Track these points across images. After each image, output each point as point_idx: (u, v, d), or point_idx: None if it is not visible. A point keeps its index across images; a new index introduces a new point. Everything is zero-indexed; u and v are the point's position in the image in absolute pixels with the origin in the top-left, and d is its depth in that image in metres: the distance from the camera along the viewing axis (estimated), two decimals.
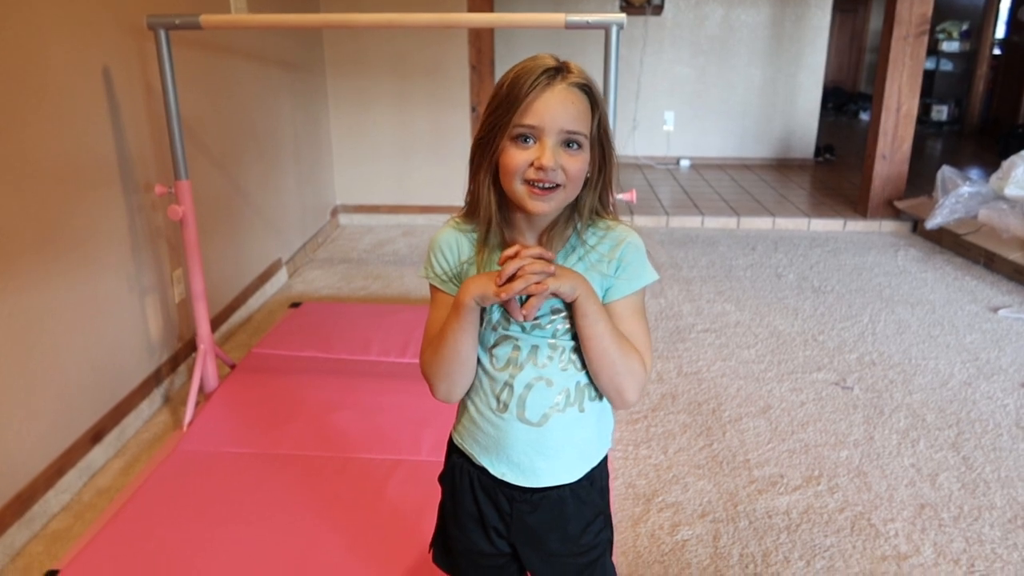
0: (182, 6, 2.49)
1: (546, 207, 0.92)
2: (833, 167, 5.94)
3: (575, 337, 0.96)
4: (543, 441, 0.98)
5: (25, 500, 1.80)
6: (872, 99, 4.44)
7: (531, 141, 0.91)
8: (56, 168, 1.91)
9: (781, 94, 5.89)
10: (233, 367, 2.52)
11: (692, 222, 4.44)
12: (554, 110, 0.90)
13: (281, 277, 3.49)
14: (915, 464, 2.08)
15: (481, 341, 0.98)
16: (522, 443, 0.98)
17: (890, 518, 1.86)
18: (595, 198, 0.97)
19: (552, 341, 0.96)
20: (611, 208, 1.01)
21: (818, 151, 6.11)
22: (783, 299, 3.28)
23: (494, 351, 0.98)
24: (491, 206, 0.95)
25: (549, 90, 0.90)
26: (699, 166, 5.91)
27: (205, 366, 2.32)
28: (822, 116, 6.23)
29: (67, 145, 1.95)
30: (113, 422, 2.15)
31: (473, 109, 4.18)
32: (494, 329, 0.97)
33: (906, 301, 3.27)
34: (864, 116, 9.06)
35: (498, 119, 0.91)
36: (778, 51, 5.79)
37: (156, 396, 2.37)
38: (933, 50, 8.06)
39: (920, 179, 4.72)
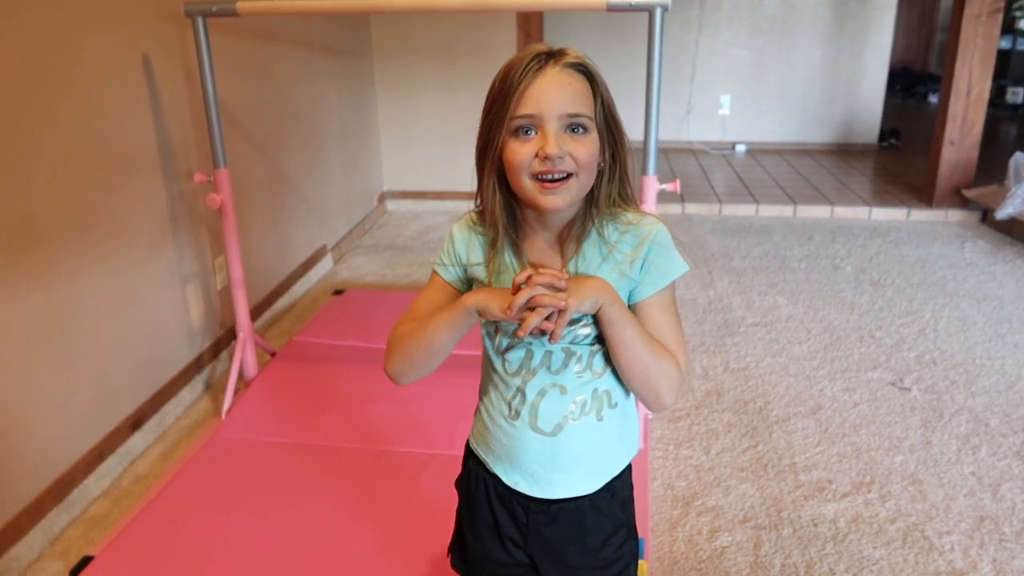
0: None
1: (560, 201, 0.86)
2: (898, 152, 5.69)
3: (593, 342, 0.90)
4: (557, 452, 0.92)
5: (65, 485, 1.83)
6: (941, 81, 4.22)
7: (532, 132, 0.85)
8: (94, 156, 1.92)
9: (844, 76, 5.66)
10: (273, 355, 2.53)
11: (746, 210, 4.30)
12: (550, 94, 0.84)
13: (326, 264, 3.50)
14: (976, 473, 1.96)
15: (494, 345, 0.94)
16: (535, 453, 0.93)
17: (946, 531, 1.75)
18: (612, 189, 0.91)
19: (567, 346, 0.91)
20: (632, 198, 0.95)
21: (882, 136, 5.85)
22: (839, 292, 3.14)
23: (507, 355, 0.93)
24: (497, 211, 0.90)
25: (542, 75, 0.84)
26: (756, 151, 5.73)
27: (244, 354, 2.33)
28: (888, 99, 5.96)
29: (105, 133, 1.96)
30: (153, 409, 2.17)
31: None
32: (508, 335, 0.92)
33: (972, 296, 3.10)
34: (933, 99, 8.66)
35: (495, 116, 0.86)
36: (841, 31, 5.56)
37: (197, 383, 2.39)
38: (1009, 28, 7.62)
39: (991, 166, 4.47)
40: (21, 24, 1.67)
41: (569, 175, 0.85)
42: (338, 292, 3.11)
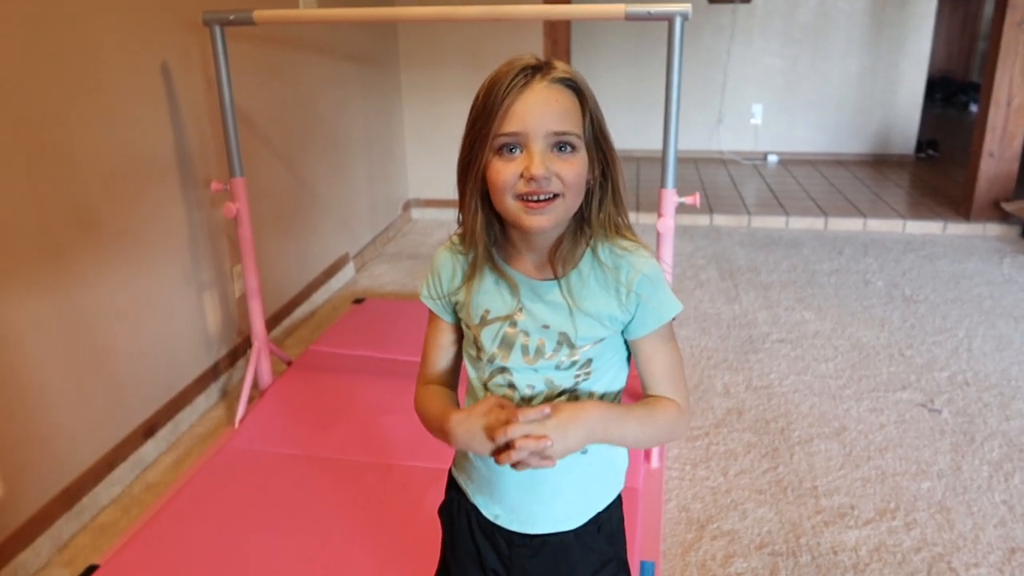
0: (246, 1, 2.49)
1: (545, 222, 0.82)
2: (935, 164, 5.54)
3: (578, 372, 0.87)
4: (537, 485, 0.89)
5: (74, 493, 1.83)
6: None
7: (517, 151, 0.81)
8: (112, 162, 1.93)
9: (880, 85, 5.53)
10: (290, 364, 2.52)
11: (776, 222, 4.21)
12: (536, 111, 0.80)
13: (348, 272, 3.49)
14: (1007, 501, 1.87)
15: (477, 373, 0.91)
16: (514, 486, 0.89)
17: (974, 562, 1.67)
18: (605, 208, 0.87)
19: (549, 377, 0.87)
20: (627, 223, 0.91)
21: (920, 146, 5.71)
22: (869, 308, 3.05)
23: (489, 384, 0.90)
24: (478, 231, 0.86)
25: (528, 90, 0.80)
26: (788, 162, 5.62)
27: (259, 363, 2.32)
28: (928, 108, 5.81)
29: (124, 141, 1.97)
30: (167, 416, 2.17)
31: None
32: (490, 361, 0.89)
33: (1010, 314, 2.98)
34: (975, 108, 8.45)
35: (478, 133, 0.82)
36: (878, 39, 5.43)
37: (213, 391, 2.39)
38: None
39: None
40: (40, 33, 1.68)
41: (555, 195, 0.81)
42: (358, 301, 3.09)
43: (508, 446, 0.77)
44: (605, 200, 0.87)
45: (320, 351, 2.60)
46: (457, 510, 0.97)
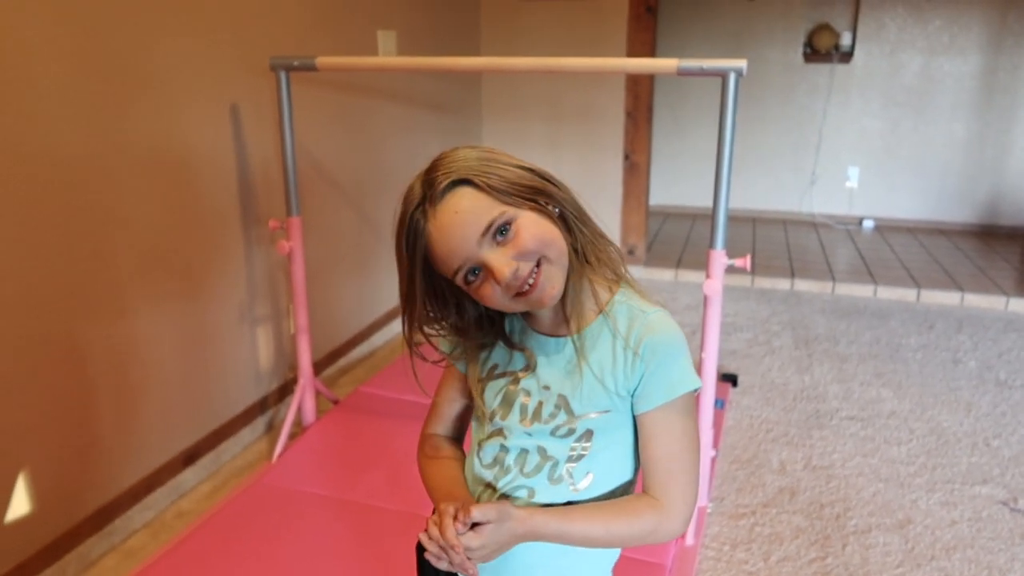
0: (331, 48, 2.58)
1: (551, 289, 0.79)
2: None
3: (575, 444, 0.82)
4: (508, 561, 0.82)
5: (107, 514, 1.88)
6: None
7: (477, 271, 0.79)
8: (176, 197, 2.01)
9: (989, 152, 5.21)
10: (336, 403, 2.53)
11: (863, 291, 3.98)
12: (455, 236, 0.77)
13: None
14: None
15: (477, 430, 0.90)
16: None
17: None
18: (579, 240, 0.83)
19: (542, 445, 0.82)
20: (621, 269, 0.86)
21: None
22: (956, 390, 2.82)
23: (484, 444, 0.87)
24: (483, 327, 0.88)
25: (432, 224, 0.77)
26: (884, 228, 5.35)
27: (303, 400, 2.34)
28: None
29: (191, 177, 2.05)
30: (209, 446, 2.21)
31: (626, 157, 4.04)
32: (491, 419, 0.85)
33: None
34: None
35: (424, 277, 0.82)
36: (988, 104, 5.14)
37: (259, 424, 2.43)
38: None
39: None
40: (117, 76, 1.78)
41: (538, 264, 0.78)
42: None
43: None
44: (574, 231, 0.83)
45: (369, 392, 2.60)
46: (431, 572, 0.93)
